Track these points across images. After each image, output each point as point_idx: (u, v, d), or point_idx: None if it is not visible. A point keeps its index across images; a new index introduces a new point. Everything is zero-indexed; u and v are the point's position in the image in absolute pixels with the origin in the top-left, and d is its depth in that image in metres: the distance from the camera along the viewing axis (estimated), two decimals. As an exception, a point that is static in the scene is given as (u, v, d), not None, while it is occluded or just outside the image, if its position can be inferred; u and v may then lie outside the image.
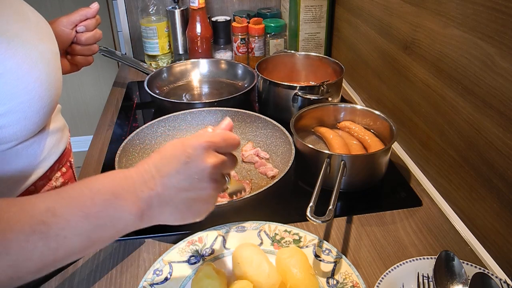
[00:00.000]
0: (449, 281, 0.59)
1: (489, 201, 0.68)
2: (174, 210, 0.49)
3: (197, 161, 0.48)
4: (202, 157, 0.49)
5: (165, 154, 0.49)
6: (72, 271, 0.66)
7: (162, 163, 0.49)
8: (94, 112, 2.29)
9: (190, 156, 0.48)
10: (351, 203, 0.81)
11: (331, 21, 1.38)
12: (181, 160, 0.48)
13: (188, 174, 0.48)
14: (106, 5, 2.01)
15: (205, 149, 0.49)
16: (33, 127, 0.59)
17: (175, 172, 0.48)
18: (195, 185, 0.49)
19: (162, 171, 0.48)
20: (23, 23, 0.59)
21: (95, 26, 0.83)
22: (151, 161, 0.49)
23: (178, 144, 0.50)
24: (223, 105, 1.00)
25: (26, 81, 0.55)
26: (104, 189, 0.45)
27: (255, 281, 0.59)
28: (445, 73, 0.78)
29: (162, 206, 0.48)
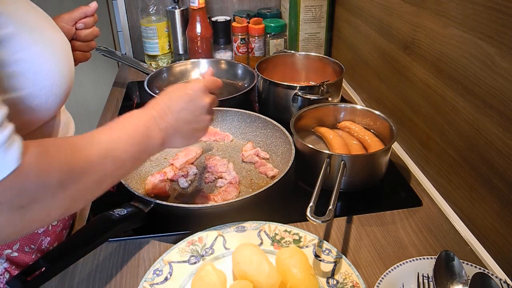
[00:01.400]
0: (449, 281, 0.59)
1: (489, 201, 0.68)
2: (182, 137, 0.66)
3: (198, 100, 0.66)
4: (201, 97, 0.67)
5: (172, 95, 0.65)
6: (72, 271, 0.66)
7: (171, 102, 0.64)
8: (94, 112, 2.29)
9: (192, 96, 0.66)
10: (351, 203, 0.81)
11: (331, 21, 1.38)
12: (186, 99, 0.65)
13: (191, 110, 0.65)
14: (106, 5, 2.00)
15: (203, 91, 0.67)
16: (51, 112, 0.64)
17: (181, 109, 0.64)
18: (197, 118, 0.66)
19: (172, 108, 0.63)
20: (37, 15, 0.63)
21: (93, 23, 0.87)
22: (162, 101, 0.64)
23: (181, 87, 0.67)
24: (223, 105, 1.00)
25: (47, 67, 0.60)
26: (139, 124, 0.60)
27: (255, 281, 0.59)
28: (445, 73, 0.78)
29: (174, 134, 0.64)
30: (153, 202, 0.71)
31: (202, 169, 0.88)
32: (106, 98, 1.27)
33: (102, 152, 0.52)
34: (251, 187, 0.83)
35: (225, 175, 0.84)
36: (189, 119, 0.65)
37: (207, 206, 0.73)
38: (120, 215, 0.66)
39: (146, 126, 0.60)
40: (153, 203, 0.71)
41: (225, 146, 0.96)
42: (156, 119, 0.62)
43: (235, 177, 0.83)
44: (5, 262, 0.65)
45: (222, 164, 0.87)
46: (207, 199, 0.78)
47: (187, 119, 0.65)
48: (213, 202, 0.77)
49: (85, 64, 0.92)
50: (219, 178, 0.85)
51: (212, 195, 0.79)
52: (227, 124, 0.99)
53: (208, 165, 0.88)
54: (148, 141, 0.60)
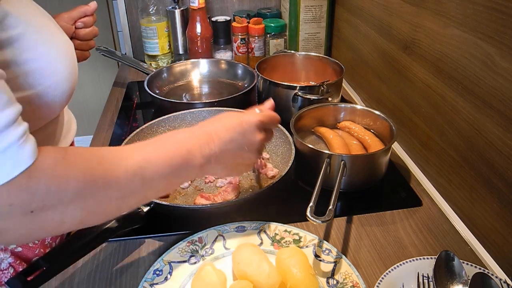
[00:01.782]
0: (449, 281, 0.59)
1: (489, 201, 0.68)
2: (223, 168, 0.62)
3: (250, 135, 0.62)
4: (254, 133, 0.62)
5: (224, 123, 0.61)
6: (72, 271, 0.66)
7: (221, 131, 0.60)
8: (94, 112, 2.29)
9: (245, 130, 0.61)
10: (351, 203, 0.81)
11: (331, 21, 1.38)
12: (238, 131, 0.61)
13: (240, 144, 0.61)
14: (106, 5, 2.01)
15: (257, 126, 0.63)
16: (57, 109, 0.65)
17: (231, 140, 0.60)
18: (244, 153, 0.62)
19: (221, 137, 0.59)
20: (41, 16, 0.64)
21: (92, 23, 0.88)
22: (212, 126, 0.60)
23: (236, 117, 0.62)
24: (223, 105, 1.00)
25: (54, 66, 0.60)
26: (181, 146, 0.56)
27: (255, 281, 0.59)
28: (445, 73, 0.78)
29: (216, 163, 0.59)
30: (153, 202, 0.71)
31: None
32: (106, 98, 1.27)
33: (131, 169, 0.49)
34: (251, 187, 0.83)
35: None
36: (236, 152, 0.61)
37: (207, 206, 0.73)
38: (120, 215, 0.66)
39: (188, 150, 0.56)
40: (152, 203, 0.71)
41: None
42: (200, 145, 0.57)
43: (235, 177, 0.83)
44: (10, 257, 0.65)
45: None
46: (207, 199, 0.78)
47: (234, 152, 0.61)
48: (213, 202, 0.77)
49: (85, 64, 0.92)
50: (219, 178, 0.85)
51: (212, 195, 0.79)
52: (227, 124, 0.99)
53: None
54: (187, 166, 0.56)
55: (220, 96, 1.19)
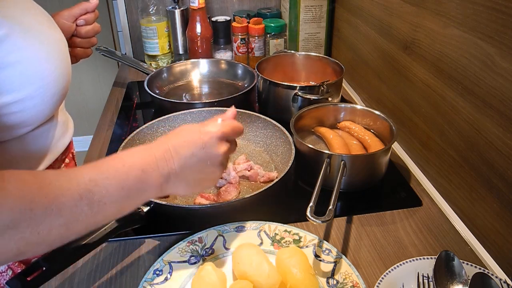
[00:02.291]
0: (449, 281, 0.59)
1: (489, 201, 0.68)
2: (186, 185, 0.57)
3: (212, 148, 0.57)
4: (216, 146, 0.57)
5: (183, 138, 0.57)
6: (72, 271, 0.66)
7: (180, 146, 0.55)
8: (94, 112, 2.29)
9: (206, 143, 0.57)
10: (351, 203, 0.81)
11: (331, 21, 1.38)
12: (198, 145, 0.56)
13: (202, 158, 0.57)
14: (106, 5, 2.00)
15: (219, 139, 0.58)
16: (48, 112, 0.63)
17: (191, 155, 0.56)
18: (207, 168, 0.58)
19: (180, 153, 0.55)
20: (35, 15, 0.63)
21: (94, 20, 0.86)
22: (170, 142, 0.56)
23: (196, 130, 0.58)
24: (223, 105, 1.00)
25: (43, 67, 0.58)
26: (135, 165, 0.52)
27: (255, 281, 0.59)
28: (445, 73, 0.78)
29: (177, 181, 0.56)
30: (153, 202, 0.71)
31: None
32: (106, 98, 1.27)
33: (76, 194, 0.45)
34: (251, 187, 0.83)
35: (225, 175, 0.84)
36: (197, 168, 0.57)
37: (207, 206, 0.73)
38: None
39: (143, 170, 0.52)
40: (152, 203, 0.71)
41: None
42: (158, 163, 0.53)
43: (235, 177, 0.83)
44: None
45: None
46: (207, 199, 0.78)
47: (195, 167, 0.56)
48: (213, 202, 0.77)
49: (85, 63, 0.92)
50: (219, 178, 0.85)
51: (212, 195, 0.79)
52: (227, 124, 0.99)
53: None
54: (143, 187, 0.52)
55: (220, 96, 1.19)
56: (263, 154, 0.93)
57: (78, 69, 2.09)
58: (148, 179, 0.52)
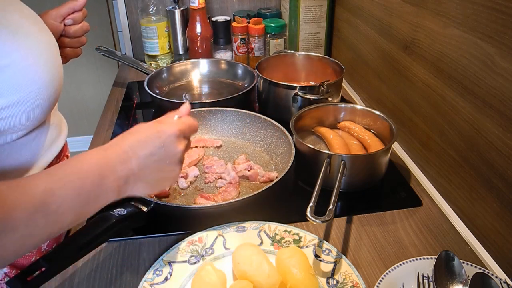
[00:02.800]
0: (449, 281, 0.59)
1: (489, 201, 0.68)
2: (145, 185, 0.57)
3: (170, 147, 0.57)
4: (174, 144, 0.57)
5: (140, 137, 0.56)
6: (72, 271, 0.66)
7: (138, 145, 0.55)
8: (94, 112, 2.29)
9: (164, 141, 0.56)
10: (351, 203, 0.81)
11: (331, 21, 1.38)
12: (156, 144, 0.55)
13: (161, 157, 0.56)
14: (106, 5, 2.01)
15: (177, 137, 0.57)
16: (40, 117, 0.62)
17: (149, 154, 0.55)
18: (166, 167, 0.57)
19: (138, 153, 0.54)
20: (23, 17, 0.61)
21: (82, 18, 0.84)
22: (127, 142, 0.55)
23: (152, 128, 0.57)
24: (223, 105, 1.00)
25: (33, 71, 0.57)
26: (91, 170, 0.50)
27: (255, 281, 0.59)
28: (445, 73, 0.78)
29: (136, 182, 0.55)
30: (153, 202, 0.71)
31: (202, 169, 0.88)
32: (106, 98, 1.27)
33: (31, 207, 0.44)
34: (251, 187, 0.83)
35: (224, 176, 0.84)
36: (157, 167, 0.56)
37: (207, 206, 0.73)
38: (120, 215, 0.65)
39: (100, 174, 0.50)
40: (153, 203, 0.71)
41: (225, 146, 0.96)
42: (115, 165, 0.52)
43: (235, 177, 0.83)
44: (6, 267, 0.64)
45: (220, 165, 0.87)
46: (207, 199, 0.78)
47: (155, 166, 0.56)
48: (213, 202, 0.77)
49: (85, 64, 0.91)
50: (219, 178, 0.85)
51: (212, 195, 0.79)
52: (227, 124, 0.99)
53: (205, 166, 0.88)
54: (100, 191, 0.50)
55: (220, 96, 1.19)
56: (263, 154, 0.93)
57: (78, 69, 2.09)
58: (106, 184, 0.51)
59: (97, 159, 0.52)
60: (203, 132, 0.98)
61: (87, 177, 0.50)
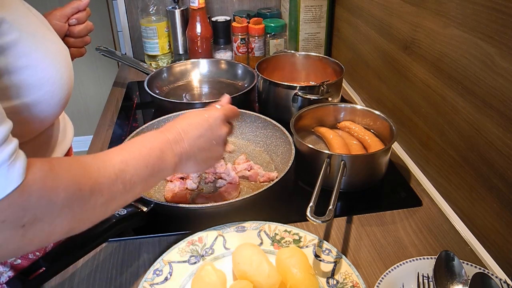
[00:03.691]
0: (449, 281, 0.59)
1: (489, 201, 0.68)
2: (194, 163, 0.64)
3: (216, 129, 0.65)
4: (220, 126, 0.66)
5: (191, 121, 0.64)
6: (72, 271, 0.66)
7: (189, 128, 0.62)
8: (94, 112, 2.29)
9: (211, 124, 0.65)
10: (351, 203, 0.81)
11: (331, 21, 1.38)
12: (204, 127, 0.64)
13: (209, 138, 0.64)
14: (106, 5, 2.01)
15: (222, 120, 0.67)
16: (52, 117, 0.63)
17: (199, 136, 0.63)
18: (213, 147, 0.65)
19: (189, 134, 0.62)
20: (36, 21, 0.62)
21: (86, 18, 0.85)
22: (179, 125, 0.62)
23: (201, 113, 0.66)
24: (223, 105, 1.00)
25: (50, 72, 0.59)
26: (154, 147, 0.57)
27: (255, 281, 0.59)
28: (445, 73, 0.78)
29: (188, 160, 0.62)
30: (153, 202, 0.71)
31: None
32: (106, 98, 1.27)
33: (113, 174, 0.50)
34: (251, 187, 0.83)
35: (224, 176, 0.84)
36: (205, 147, 0.64)
37: (207, 206, 0.73)
38: (120, 215, 0.66)
39: (161, 150, 0.58)
40: (153, 203, 0.71)
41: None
42: (171, 143, 0.60)
43: (234, 177, 0.83)
44: (10, 270, 0.64)
45: (220, 165, 0.87)
46: (207, 199, 0.78)
47: (203, 146, 0.63)
48: (213, 202, 0.77)
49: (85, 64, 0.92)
50: (219, 178, 0.85)
51: (212, 195, 0.79)
52: (227, 124, 0.99)
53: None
54: (162, 165, 0.57)
55: (220, 96, 1.18)
56: (263, 154, 0.93)
57: (78, 69, 2.09)
58: (166, 158, 0.58)
59: (157, 138, 0.59)
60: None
61: (152, 151, 0.56)
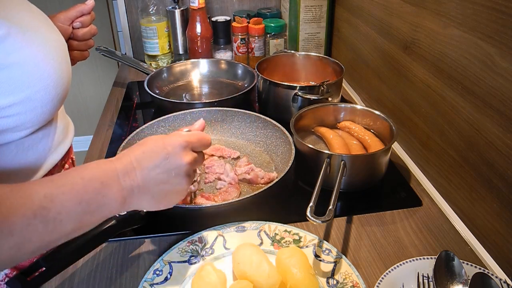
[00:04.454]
0: (449, 281, 0.59)
1: (489, 201, 0.68)
2: (151, 199, 0.55)
3: (176, 158, 0.55)
4: (180, 155, 0.56)
5: (146, 149, 0.55)
6: (72, 271, 0.66)
7: (143, 157, 0.54)
8: (94, 112, 2.29)
9: (170, 153, 0.55)
10: (351, 203, 0.81)
11: (331, 21, 1.38)
12: (161, 155, 0.54)
13: (166, 169, 0.55)
14: (106, 5, 2.01)
15: (183, 148, 0.56)
16: (48, 115, 0.62)
17: (154, 166, 0.54)
18: (172, 179, 0.56)
19: (143, 164, 0.53)
20: (32, 16, 0.62)
21: (90, 22, 0.85)
22: (133, 154, 0.54)
23: (159, 140, 0.56)
24: (223, 105, 1.00)
25: (42, 69, 0.58)
26: (94, 179, 0.50)
27: (255, 281, 0.59)
28: (445, 73, 0.78)
29: (141, 194, 0.54)
30: (153, 202, 0.71)
31: (202, 169, 0.88)
32: (106, 98, 1.27)
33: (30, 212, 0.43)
34: (251, 188, 0.83)
35: (223, 177, 0.84)
36: (162, 179, 0.55)
37: (207, 206, 0.73)
38: (120, 215, 0.65)
39: (103, 183, 0.49)
40: (153, 203, 0.71)
41: (225, 146, 0.95)
42: (119, 175, 0.51)
43: (234, 177, 0.83)
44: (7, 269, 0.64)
45: (220, 165, 0.87)
46: (207, 199, 0.78)
47: (159, 179, 0.54)
48: (213, 202, 0.77)
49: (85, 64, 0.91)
50: (219, 179, 0.85)
51: (212, 195, 0.79)
52: (227, 124, 0.99)
53: (205, 166, 0.88)
54: (102, 200, 0.49)
55: (220, 96, 1.19)
56: (263, 154, 0.93)
57: (78, 69, 2.09)
58: (108, 193, 0.50)
59: (101, 168, 0.51)
60: (203, 132, 0.98)
61: (89, 184, 0.49)
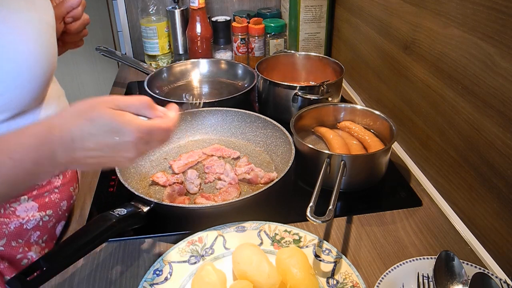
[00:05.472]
0: (449, 281, 0.59)
1: (489, 201, 0.68)
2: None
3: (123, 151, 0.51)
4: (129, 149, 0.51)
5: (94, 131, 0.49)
6: (72, 271, 0.66)
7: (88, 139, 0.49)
8: (94, 112, 2.29)
9: (119, 143, 0.50)
10: (351, 203, 0.81)
11: (331, 21, 1.38)
12: (109, 144, 0.50)
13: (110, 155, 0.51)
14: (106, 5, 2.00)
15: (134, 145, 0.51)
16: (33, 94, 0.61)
17: (98, 149, 0.50)
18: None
19: (86, 146, 0.49)
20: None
21: (81, 13, 0.83)
22: (78, 129, 0.49)
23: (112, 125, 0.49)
24: (223, 105, 1.00)
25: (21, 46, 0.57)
26: (25, 159, 0.47)
27: (255, 281, 0.59)
28: (445, 73, 0.78)
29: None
30: (153, 202, 0.71)
31: (202, 170, 0.88)
32: (106, 98, 1.27)
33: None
34: (251, 188, 0.83)
35: (223, 177, 0.84)
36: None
37: (207, 206, 0.73)
38: (120, 215, 0.65)
39: (37, 163, 0.48)
40: (153, 203, 0.71)
41: (225, 146, 0.96)
42: (56, 152, 0.48)
43: (234, 177, 0.83)
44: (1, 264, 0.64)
45: (220, 165, 0.87)
46: (207, 199, 0.78)
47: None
48: (213, 202, 0.77)
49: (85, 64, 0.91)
50: (219, 179, 0.85)
51: (212, 195, 0.79)
52: (227, 124, 0.99)
53: (205, 166, 0.88)
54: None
55: (220, 96, 1.19)
56: (263, 154, 0.93)
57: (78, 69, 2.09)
58: (40, 172, 0.49)
59: (36, 143, 0.48)
60: (203, 133, 0.98)
61: (19, 166, 0.47)
